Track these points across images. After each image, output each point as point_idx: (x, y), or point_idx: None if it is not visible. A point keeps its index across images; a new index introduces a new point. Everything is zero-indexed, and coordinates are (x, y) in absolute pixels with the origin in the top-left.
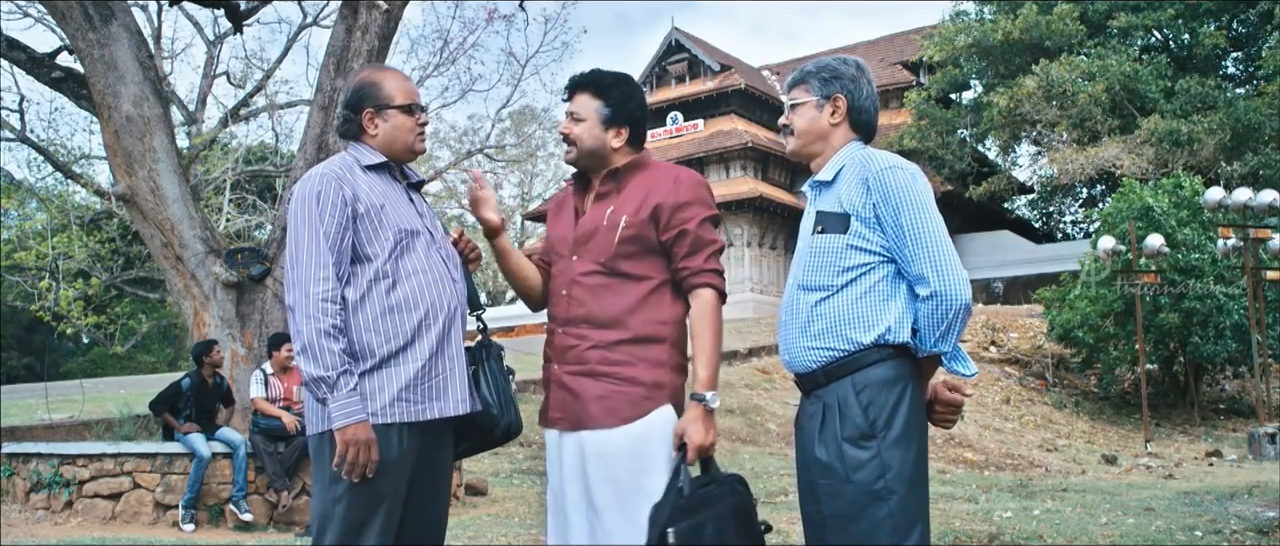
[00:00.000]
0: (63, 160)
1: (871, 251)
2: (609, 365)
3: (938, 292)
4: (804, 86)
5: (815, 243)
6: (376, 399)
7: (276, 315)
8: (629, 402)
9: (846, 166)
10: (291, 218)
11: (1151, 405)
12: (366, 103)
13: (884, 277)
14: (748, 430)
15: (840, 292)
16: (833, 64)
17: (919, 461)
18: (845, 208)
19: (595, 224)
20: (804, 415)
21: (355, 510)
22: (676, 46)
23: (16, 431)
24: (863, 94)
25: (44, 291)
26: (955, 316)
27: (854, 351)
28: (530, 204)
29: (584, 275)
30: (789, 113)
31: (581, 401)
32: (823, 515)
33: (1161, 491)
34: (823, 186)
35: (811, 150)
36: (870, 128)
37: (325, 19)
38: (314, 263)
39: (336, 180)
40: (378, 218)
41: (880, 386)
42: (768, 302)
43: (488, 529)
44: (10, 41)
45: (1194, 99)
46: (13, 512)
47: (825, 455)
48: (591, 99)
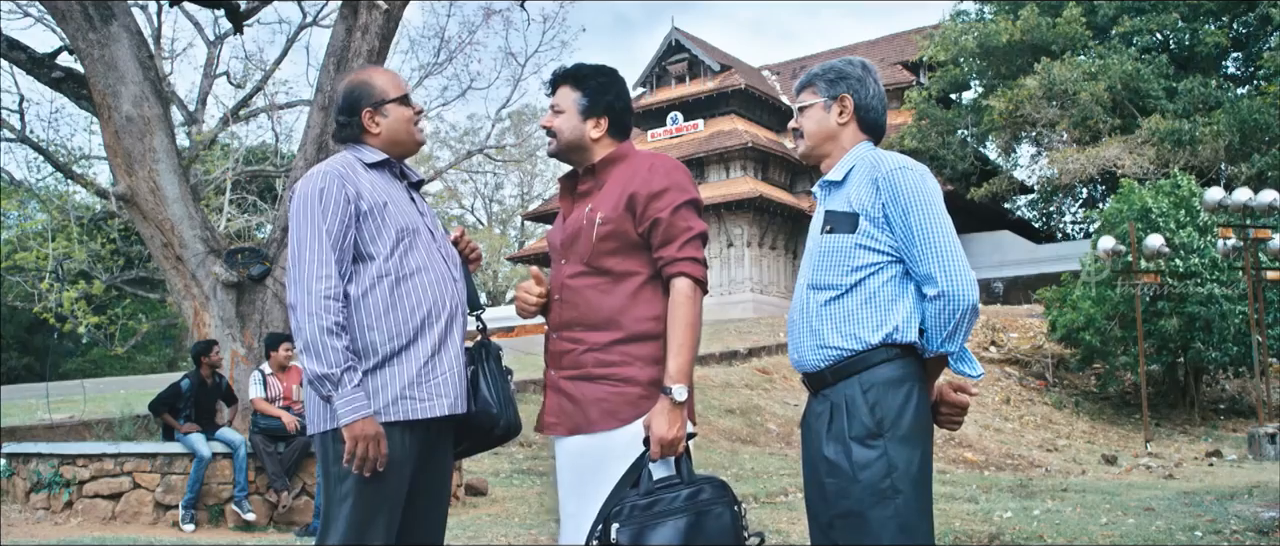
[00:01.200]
0: (63, 160)
1: (880, 251)
2: (605, 367)
3: (945, 293)
4: (811, 89)
5: (824, 242)
6: (379, 397)
7: (276, 315)
8: (628, 403)
9: (856, 167)
10: (294, 215)
11: (1151, 405)
12: (363, 102)
13: (892, 277)
14: (748, 430)
15: (849, 292)
16: (838, 65)
17: (925, 461)
18: (854, 207)
19: (577, 223)
20: (811, 414)
21: (360, 509)
22: (676, 46)
23: (16, 431)
24: (870, 93)
25: (45, 292)
26: (963, 317)
27: (861, 351)
28: (530, 204)
29: (572, 277)
30: (797, 116)
31: (580, 406)
32: (829, 514)
33: (1161, 491)
34: (832, 186)
35: (821, 151)
36: (879, 127)
37: (325, 19)
38: (316, 260)
39: (339, 178)
40: (381, 216)
41: (887, 386)
42: (768, 302)
43: (488, 529)
44: (10, 41)
45: (1196, 99)
46: (13, 512)
47: (832, 454)
48: (571, 91)
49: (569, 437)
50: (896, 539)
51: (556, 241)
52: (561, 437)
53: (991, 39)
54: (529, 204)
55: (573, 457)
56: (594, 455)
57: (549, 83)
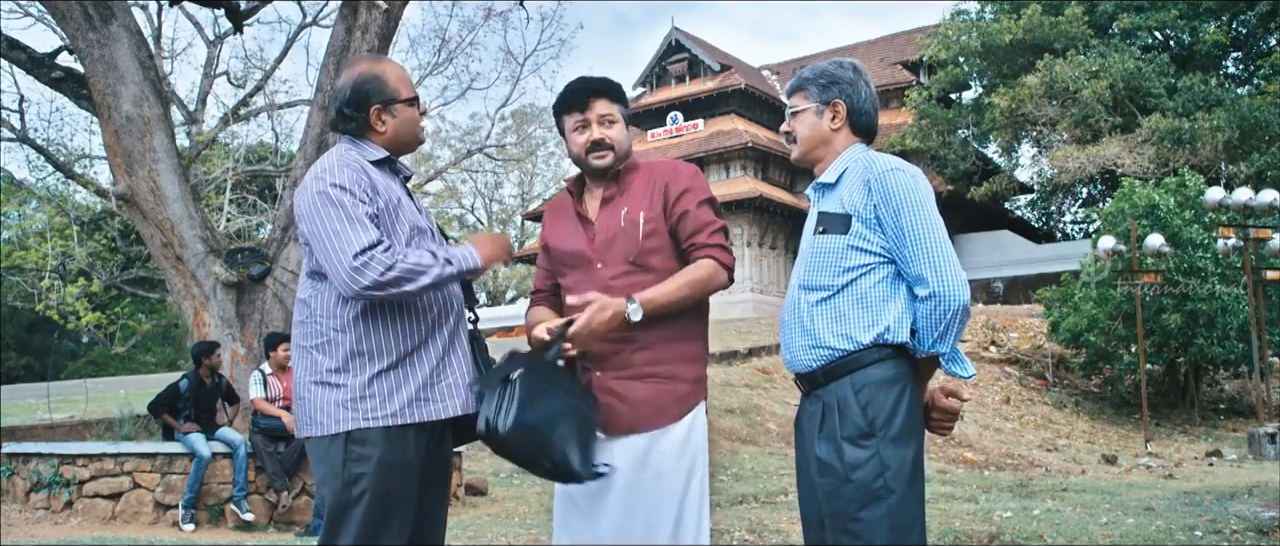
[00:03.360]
0: (63, 160)
1: (872, 252)
2: (654, 365)
3: (936, 293)
4: (802, 93)
5: (817, 243)
6: (394, 399)
7: (277, 315)
8: (676, 400)
9: (849, 169)
10: (311, 211)
11: (1151, 405)
12: (373, 99)
13: (884, 278)
14: (748, 430)
15: (840, 293)
16: (829, 69)
17: (917, 461)
18: (847, 209)
19: (613, 226)
20: (804, 414)
21: (375, 510)
22: (676, 46)
23: (17, 431)
24: (861, 97)
25: (45, 291)
26: (954, 317)
27: (853, 351)
28: (531, 204)
29: (615, 278)
30: (790, 119)
31: (632, 405)
32: (822, 514)
33: (1161, 491)
34: (826, 188)
35: (815, 156)
36: (871, 129)
37: (325, 19)
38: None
39: (354, 168)
40: (395, 213)
41: (879, 386)
42: (768, 302)
43: (488, 529)
44: (10, 41)
45: (1196, 97)
46: (13, 512)
47: (824, 454)
48: (611, 104)
49: (623, 437)
50: (889, 539)
51: (582, 247)
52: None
53: (994, 37)
54: (529, 203)
55: (626, 455)
56: (647, 453)
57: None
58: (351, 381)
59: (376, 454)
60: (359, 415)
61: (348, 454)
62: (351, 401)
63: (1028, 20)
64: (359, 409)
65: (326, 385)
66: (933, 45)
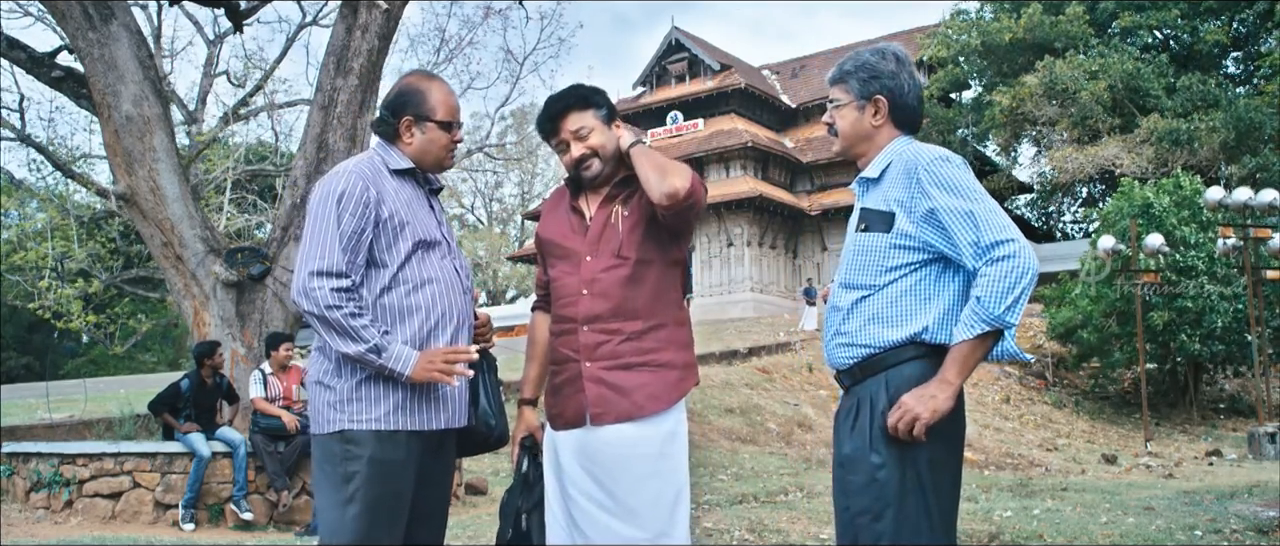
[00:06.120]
0: (63, 160)
1: (915, 249)
2: (643, 354)
3: (1012, 254)
4: (843, 86)
5: (859, 241)
6: (379, 405)
7: (276, 315)
8: (669, 386)
9: (893, 162)
10: (311, 210)
11: (1151, 404)
12: (408, 109)
13: (927, 277)
14: (747, 429)
15: (880, 292)
16: (872, 62)
17: (948, 460)
18: (891, 205)
19: (606, 223)
20: (840, 410)
21: (368, 512)
22: (676, 46)
23: (16, 431)
24: (904, 89)
25: (43, 290)
26: (1029, 282)
27: (887, 349)
28: (530, 203)
29: (604, 270)
30: (831, 111)
31: (625, 393)
32: (852, 510)
33: (1161, 491)
34: (869, 183)
35: (857, 151)
36: (915, 120)
37: (325, 18)
38: (319, 246)
39: (364, 180)
40: (399, 225)
41: (912, 384)
42: (768, 302)
43: (487, 528)
44: (10, 41)
45: (1195, 97)
46: (13, 512)
47: (853, 450)
48: (582, 113)
49: (615, 425)
50: (915, 537)
51: (574, 241)
52: (604, 426)
53: (994, 37)
54: (529, 203)
55: (619, 445)
56: (644, 439)
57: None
58: (341, 384)
59: (368, 453)
60: (345, 417)
61: (342, 452)
62: (341, 403)
63: (1028, 20)
64: (346, 410)
65: (323, 386)
66: (932, 45)
